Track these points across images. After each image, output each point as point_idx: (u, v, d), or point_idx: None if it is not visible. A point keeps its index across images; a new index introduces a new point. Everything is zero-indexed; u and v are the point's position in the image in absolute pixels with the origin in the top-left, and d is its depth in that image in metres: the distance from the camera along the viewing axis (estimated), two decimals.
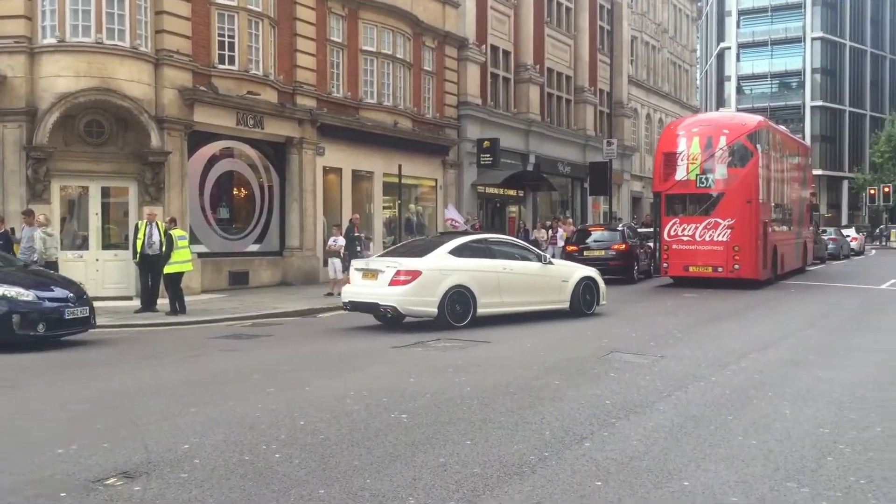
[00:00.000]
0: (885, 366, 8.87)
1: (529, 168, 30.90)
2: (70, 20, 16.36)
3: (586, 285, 14.04)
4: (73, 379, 8.57)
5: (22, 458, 5.33)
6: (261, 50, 19.65)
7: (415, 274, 11.98)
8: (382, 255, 13.95)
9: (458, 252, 12.70)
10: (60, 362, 9.64)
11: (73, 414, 6.73)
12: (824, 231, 34.82)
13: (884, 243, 53.49)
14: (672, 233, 19.81)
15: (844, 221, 63.44)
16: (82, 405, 7.04)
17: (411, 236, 26.13)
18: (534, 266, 13.60)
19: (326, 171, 22.41)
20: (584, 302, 13.91)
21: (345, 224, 20.74)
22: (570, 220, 31.60)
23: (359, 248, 21.08)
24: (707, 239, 19.25)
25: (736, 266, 18.94)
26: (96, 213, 17.33)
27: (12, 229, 14.41)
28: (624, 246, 21.80)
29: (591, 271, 14.55)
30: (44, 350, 10.32)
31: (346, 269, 18.82)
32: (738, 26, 79.91)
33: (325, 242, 20.35)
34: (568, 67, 35.17)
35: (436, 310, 12.05)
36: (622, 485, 4.72)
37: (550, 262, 14.08)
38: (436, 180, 26.90)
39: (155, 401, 7.11)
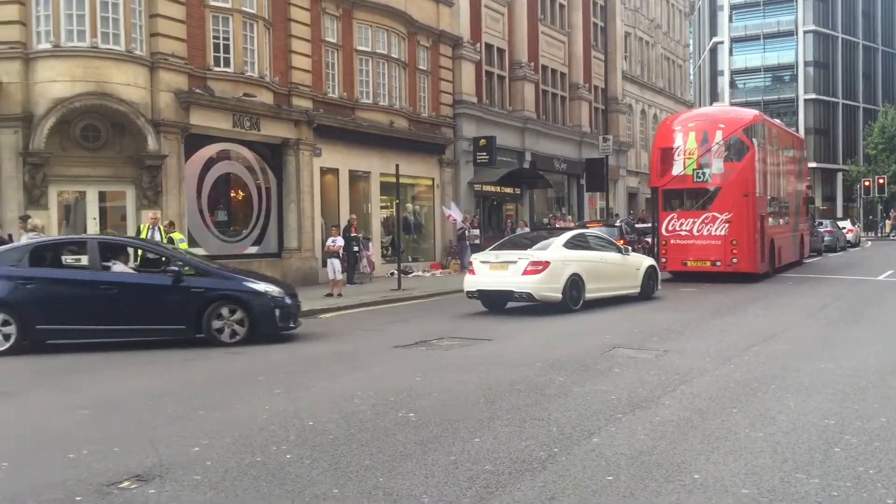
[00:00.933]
0: (886, 356, 8.90)
1: (525, 165, 30.93)
2: (65, 25, 16.34)
3: (650, 273, 15.88)
4: (74, 383, 8.55)
5: (34, 463, 5.35)
6: (256, 52, 19.65)
7: (544, 264, 13.51)
8: (494, 249, 14.93)
9: (569, 245, 14.36)
10: (58, 368, 9.61)
11: (79, 419, 6.72)
12: (820, 223, 34.94)
13: (879, 234, 53.65)
14: (670, 227, 19.89)
15: (840, 213, 63.58)
16: (85, 410, 7.02)
17: (409, 235, 26.21)
18: (618, 256, 15.37)
19: (323, 171, 22.41)
20: (648, 287, 15.71)
21: (343, 225, 20.78)
22: (570, 217, 31.67)
23: (357, 249, 21.18)
24: (705, 233, 19.33)
25: (734, 260, 19.01)
26: (94, 218, 17.30)
27: (10, 235, 14.38)
28: (622, 242, 21.78)
29: (652, 260, 16.59)
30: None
31: (344, 269, 18.91)
32: (730, 20, 79.99)
33: (323, 243, 20.35)
34: (562, 64, 35.20)
35: (560, 295, 13.60)
36: (633, 479, 4.75)
37: (628, 254, 15.84)
38: (433, 179, 26.91)
39: (161, 404, 7.12)
